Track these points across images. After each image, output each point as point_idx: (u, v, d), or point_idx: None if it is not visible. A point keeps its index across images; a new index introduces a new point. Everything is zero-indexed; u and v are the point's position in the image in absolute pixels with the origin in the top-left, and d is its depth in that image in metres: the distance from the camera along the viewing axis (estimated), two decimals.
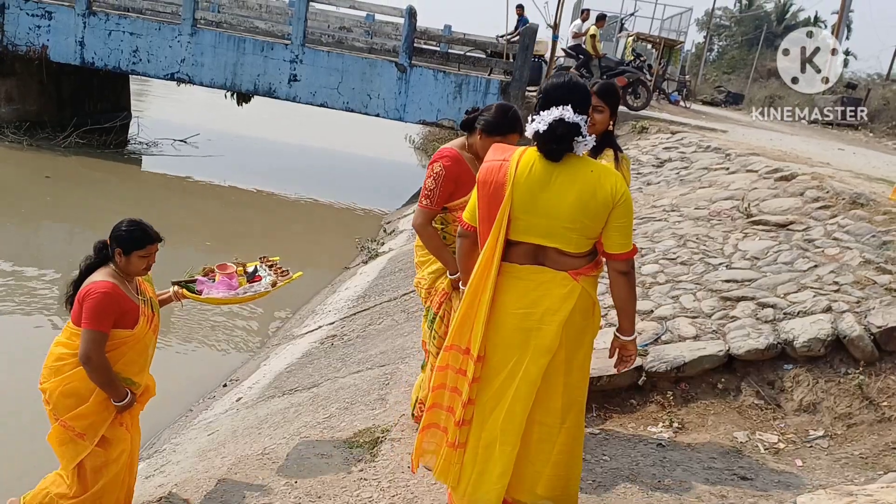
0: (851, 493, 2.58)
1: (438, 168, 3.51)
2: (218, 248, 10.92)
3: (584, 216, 2.60)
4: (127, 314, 3.24)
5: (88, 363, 3.16)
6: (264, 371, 6.26)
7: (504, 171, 2.65)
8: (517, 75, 13.59)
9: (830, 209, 6.08)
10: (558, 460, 2.76)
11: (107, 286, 3.20)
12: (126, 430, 3.39)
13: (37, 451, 4.88)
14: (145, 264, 3.29)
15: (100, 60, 14.28)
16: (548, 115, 2.59)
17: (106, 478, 3.33)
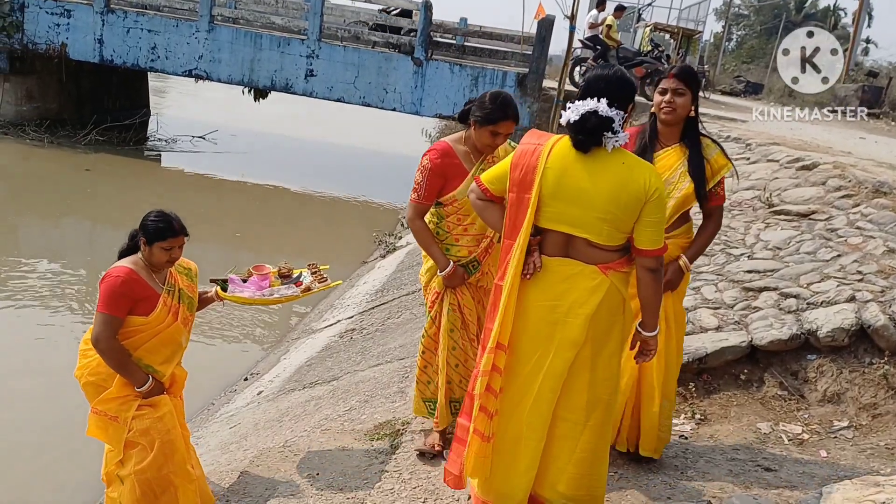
0: (878, 484, 2.55)
1: (425, 161, 3.43)
2: (246, 243, 10.99)
3: (616, 207, 2.55)
4: (144, 301, 3.25)
5: (97, 345, 3.20)
6: (284, 365, 6.30)
7: (537, 155, 2.61)
8: (534, 67, 13.52)
9: (853, 198, 6.01)
10: (581, 458, 2.71)
11: (122, 271, 3.23)
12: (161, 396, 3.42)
13: (69, 442, 4.95)
14: (168, 257, 3.29)
15: (118, 58, 14.38)
16: (582, 105, 2.55)
17: (161, 435, 3.33)
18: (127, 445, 3.33)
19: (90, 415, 3.36)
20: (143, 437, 3.31)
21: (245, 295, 3.35)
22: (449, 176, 3.44)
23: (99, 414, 3.33)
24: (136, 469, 3.32)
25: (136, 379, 3.26)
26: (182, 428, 3.52)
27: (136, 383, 3.26)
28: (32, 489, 4.67)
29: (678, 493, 3.20)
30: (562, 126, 2.64)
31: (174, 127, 17.52)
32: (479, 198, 2.81)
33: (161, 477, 3.35)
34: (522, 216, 2.62)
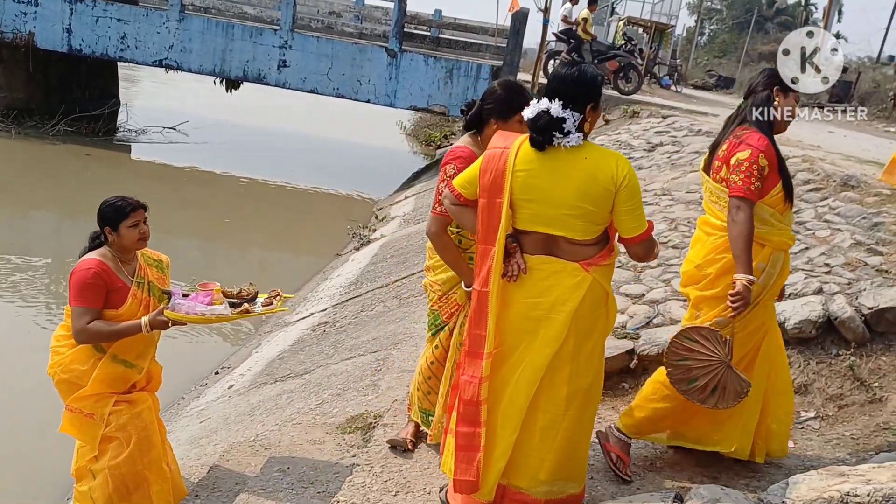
0: (843, 474, 2.59)
1: (452, 170, 3.13)
2: (219, 235, 10.88)
3: (587, 202, 2.58)
4: (115, 293, 3.21)
5: (79, 338, 3.15)
6: (256, 358, 6.25)
7: (504, 159, 2.63)
8: (508, 60, 13.53)
9: (821, 191, 6.09)
10: (562, 446, 2.76)
11: (92, 262, 3.18)
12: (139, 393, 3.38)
13: (36, 437, 4.87)
14: (137, 234, 3.24)
15: (87, 47, 14.15)
16: (537, 104, 2.59)
17: (138, 431, 3.29)
18: (103, 440, 3.29)
19: (64, 412, 3.31)
20: (121, 432, 3.28)
21: (181, 311, 3.20)
22: None
23: (74, 411, 3.28)
24: (110, 464, 3.28)
25: (134, 327, 3.17)
26: (158, 424, 3.49)
27: (138, 329, 3.17)
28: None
29: (647, 483, 3.23)
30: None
31: (145, 117, 17.28)
32: (452, 203, 2.80)
33: (135, 472, 3.31)
34: (496, 221, 2.64)
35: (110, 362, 3.26)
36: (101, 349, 3.25)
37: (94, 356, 3.25)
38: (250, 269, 10.03)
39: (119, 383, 3.30)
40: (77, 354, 3.25)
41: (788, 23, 44.67)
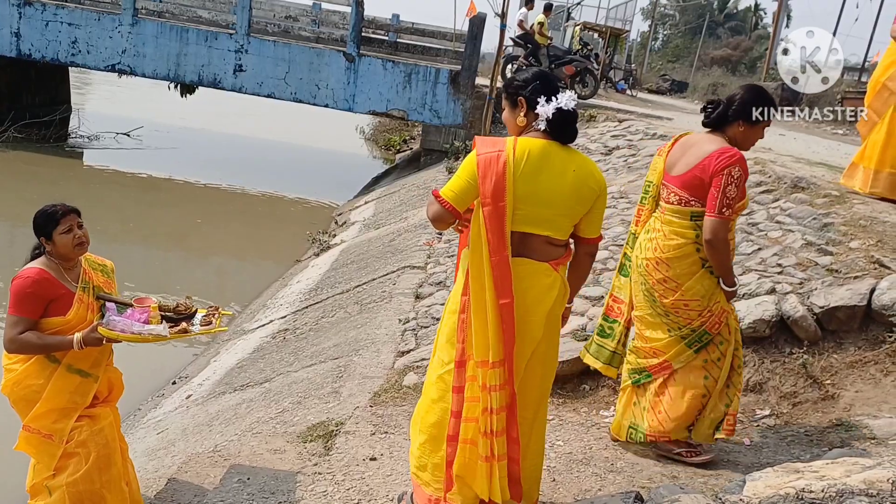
0: (798, 470, 2.64)
1: (738, 172, 3.17)
2: (174, 243, 10.69)
3: (577, 202, 2.68)
4: (58, 301, 3.13)
5: (10, 347, 3.07)
6: (215, 367, 6.16)
7: (503, 162, 2.62)
8: (467, 64, 13.58)
9: (773, 193, 6.22)
10: (535, 450, 2.80)
11: (32, 271, 3.11)
12: (101, 408, 3.30)
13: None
14: (73, 239, 3.16)
15: (37, 52, 13.82)
16: (558, 101, 2.66)
17: (98, 448, 3.21)
18: (63, 456, 3.20)
19: (21, 431, 3.21)
20: (81, 448, 3.19)
21: (116, 329, 3.11)
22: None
23: (32, 432, 3.19)
24: (68, 480, 3.19)
25: (66, 343, 3.09)
26: (120, 441, 3.41)
27: (69, 346, 3.09)
28: None
29: (608, 484, 3.26)
30: (495, 123, 2.70)
31: (97, 123, 16.93)
32: (438, 215, 2.68)
33: (93, 491, 3.23)
34: (504, 226, 2.61)
35: (66, 373, 3.17)
36: (55, 360, 3.16)
37: (49, 368, 3.16)
38: (208, 277, 9.89)
39: (78, 396, 3.21)
40: (31, 369, 3.16)
41: (739, 27, 45.63)
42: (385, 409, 4.13)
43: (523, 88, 2.75)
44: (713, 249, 3.24)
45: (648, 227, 3.53)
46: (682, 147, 3.45)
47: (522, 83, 2.76)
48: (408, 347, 5.07)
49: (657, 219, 3.48)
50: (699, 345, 3.42)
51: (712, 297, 3.35)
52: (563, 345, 4.49)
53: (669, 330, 3.46)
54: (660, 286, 3.41)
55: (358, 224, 10.84)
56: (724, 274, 3.32)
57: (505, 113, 2.88)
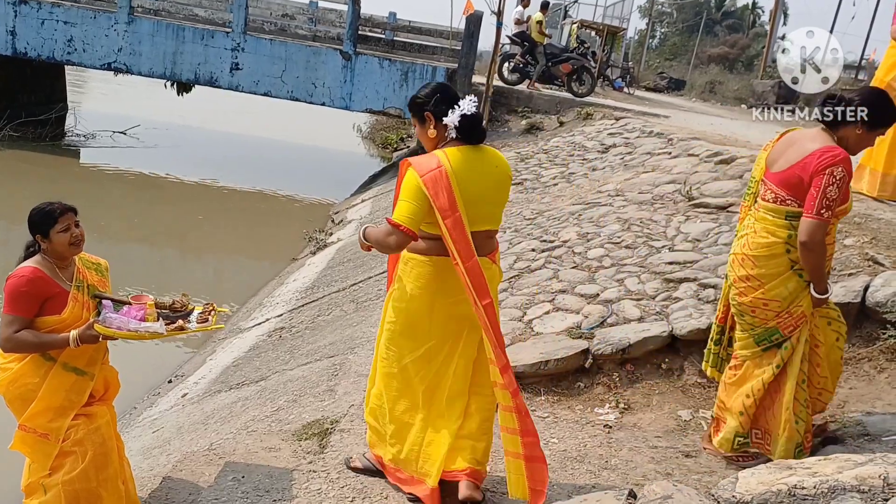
0: (791, 467, 2.65)
1: (841, 173, 3.04)
2: (170, 241, 10.68)
3: (503, 192, 3.01)
4: (53, 299, 3.12)
5: (6, 347, 3.07)
6: (210, 366, 6.16)
7: (446, 174, 2.81)
8: (463, 62, 13.57)
9: None
10: (489, 427, 3.11)
11: (27, 270, 3.11)
12: (98, 407, 3.30)
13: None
14: (70, 238, 3.16)
15: (33, 51, 13.79)
16: (463, 107, 2.90)
17: (95, 446, 3.21)
18: (59, 454, 3.20)
19: (17, 430, 3.20)
20: (77, 447, 3.19)
21: (112, 327, 3.10)
22: None
23: (28, 431, 3.18)
24: (64, 479, 3.19)
25: (62, 341, 3.09)
26: (116, 440, 3.41)
27: (65, 344, 3.09)
28: None
29: (602, 481, 3.27)
30: (491, 122, 2.80)
31: (94, 122, 16.90)
32: (402, 243, 2.87)
33: (89, 490, 3.22)
34: (466, 231, 2.82)
35: (61, 371, 3.17)
36: (50, 358, 3.16)
37: (44, 366, 3.16)
38: (205, 275, 9.88)
39: (73, 394, 3.20)
40: (26, 368, 3.15)
41: (736, 25, 45.66)
42: None
43: (427, 104, 2.97)
44: (808, 252, 3.11)
45: (744, 225, 3.44)
46: (785, 143, 3.34)
47: (425, 99, 2.99)
48: None
49: (751, 216, 3.39)
50: (769, 343, 3.34)
51: (795, 301, 3.25)
52: (559, 342, 4.52)
53: (742, 330, 3.42)
54: (741, 283, 3.33)
55: (354, 222, 10.84)
56: (816, 279, 3.19)
57: (416, 130, 3.12)
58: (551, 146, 11.05)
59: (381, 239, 2.89)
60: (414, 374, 3.07)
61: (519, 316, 5.04)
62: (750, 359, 3.42)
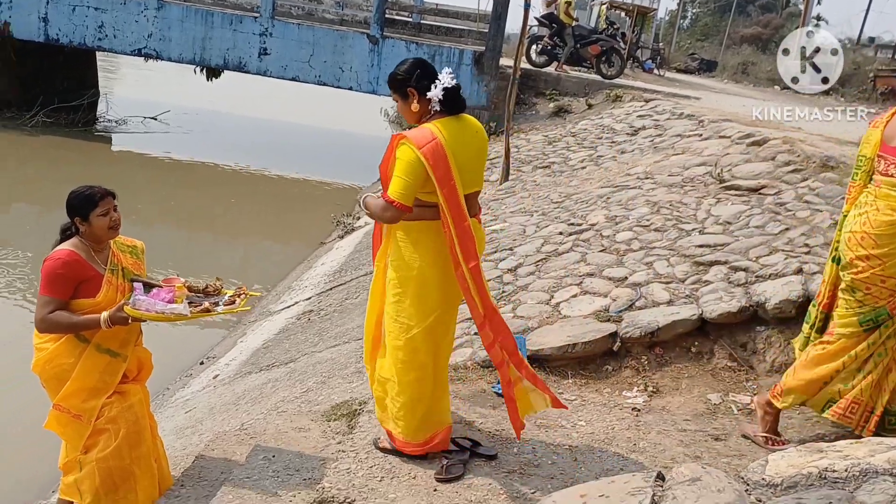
0: (821, 450, 2.62)
1: None
2: (202, 224, 10.81)
3: (485, 156, 3.25)
4: (88, 283, 3.18)
5: (39, 326, 3.14)
6: (241, 348, 6.24)
7: (441, 145, 2.97)
8: (491, 45, 13.48)
9: (801, 172, 6.13)
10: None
11: (62, 253, 3.16)
12: (131, 385, 3.36)
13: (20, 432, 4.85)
14: (109, 222, 3.22)
15: (64, 37, 13.96)
16: (443, 80, 3.07)
17: (128, 424, 3.27)
18: (93, 432, 3.27)
19: (51, 410, 3.28)
20: (111, 424, 3.26)
21: (141, 309, 3.13)
22: None
23: (62, 411, 3.25)
24: (98, 456, 3.26)
25: (94, 322, 3.14)
26: (150, 418, 3.47)
27: (97, 325, 3.13)
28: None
29: (630, 464, 3.26)
30: (519, 104, 2.80)
31: (125, 107, 17.10)
32: (396, 218, 3.05)
33: (122, 467, 3.30)
34: (460, 198, 3.01)
35: (95, 352, 3.23)
36: (84, 339, 3.22)
37: (79, 347, 3.22)
38: (233, 259, 9.99)
39: (107, 376, 3.26)
40: (61, 348, 3.22)
41: (770, 5, 44.74)
42: None
43: (409, 80, 3.12)
44: None
45: (859, 203, 3.31)
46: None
47: (406, 75, 3.13)
48: None
49: (870, 193, 3.26)
50: (872, 325, 3.25)
51: None
52: (586, 325, 4.51)
53: (847, 308, 3.32)
54: (860, 262, 3.22)
55: None
56: None
57: (399, 106, 3.25)
58: (579, 129, 10.96)
59: (378, 213, 3.07)
60: (421, 343, 3.17)
61: (546, 299, 5.03)
62: (847, 337, 3.33)
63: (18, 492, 4.47)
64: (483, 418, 3.73)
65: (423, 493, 2.99)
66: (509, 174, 9.28)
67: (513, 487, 3.03)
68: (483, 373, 4.35)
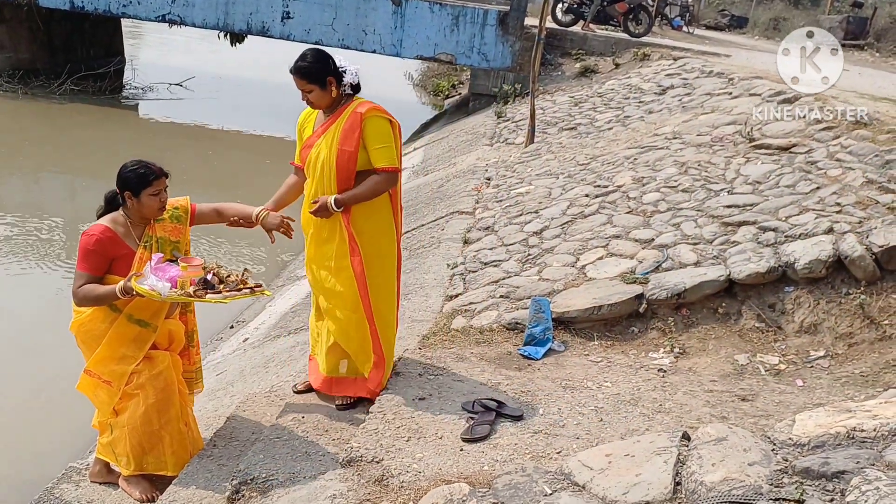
0: (850, 410, 2.61)
1: None
2: (229, 193, 10.88)
3: None
4: (121, 259, 3.22)
5: (75, 298, 3.20)
6: (269, 312, 6.32)
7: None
8: (515, 4, 13.27)
9: (833, 130, 6.00)
10: None
11: (98, 229, 3.20)
12: (160, 352, 3.41)
13: (57, 392, 4.98)
14: (158, 203, 3.24)
15: (89, 4, 13.99)
16: (346, 62, 3.49)
17: (157, 392, 3.34)
18: (123, 397, 3.35)
19: (83, 374, 3.36)
20: (140, 390, 3.33)
21: (145, 286, 3.07)
22: None
23: (92, 376, 3.33)
24: (128, 422, 3.35)
25: (111, 292, 3.12)
26: (179, 384, 3.53)
27: (114, 295, 3.12)
28: (24, 440, 4.71)
29: (655, 424, 3.26)
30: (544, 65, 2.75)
31: (150, 74, 17.15)
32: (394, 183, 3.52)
33: (151, 432, 3.39)
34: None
35: (125, 322, 3.28)
36: (116, 309, 3.26)
37: (111, 316, 3.28)
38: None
39: (136, 345, 3.32)
40: (94, 314, 3.29)
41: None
42: (433, 352, 4.19)
43: (327, 69, 3.37)
44: None
45: None
46: None
47: (323, 65, 3.38)
48: (456, 292, 5.11)
49: None
50: None
51: None
52: (612, 287, 4.50)
53: None
54: None
55: (407, 170, 10.85)
56: None
57: (312, 95, 3.41)
58: (606, 89, 10.80)
59: (381, 187, 3.42)
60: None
61: (572, 262, 5.02)
62: None
63: (63, 451, 4.59)
64: (508, 380, 3.76)
65: (449, 453, 3.02)
66: (535, 136, 9.20)
67: (538, 447, 3.05)
68: (509, 335, 4.37)
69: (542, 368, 3.96)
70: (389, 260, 3.62)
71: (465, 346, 4.28)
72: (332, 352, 3.64)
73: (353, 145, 3.34)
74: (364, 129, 3.35)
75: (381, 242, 3.55)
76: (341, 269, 3.47)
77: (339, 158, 3.36)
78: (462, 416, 3.33)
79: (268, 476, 3.06)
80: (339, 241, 3.45)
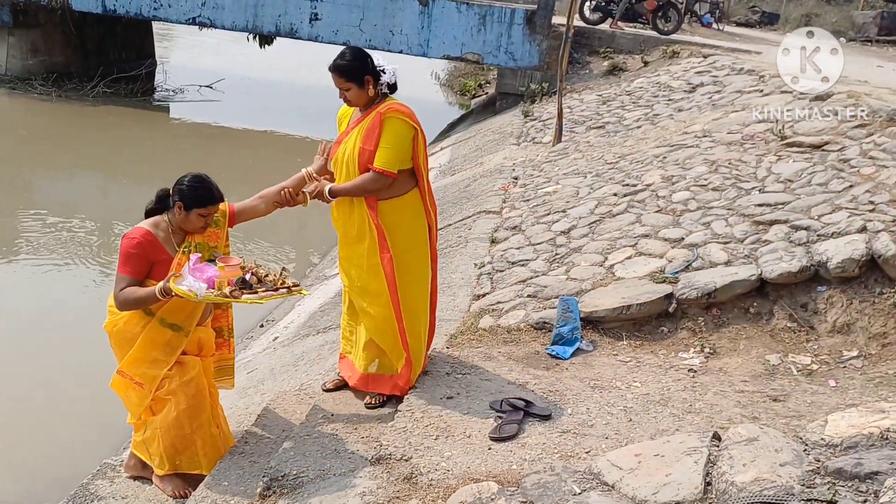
0: (883, 410, 2.57)
1: None
2: None
3: None
4: (159, 265, 3.24)
5: (116, 302, 3.23)
6: (299, 311, 6.38)
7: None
8: (543, 3, 13.22)
9: (867, 128, 5.91)
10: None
11: (139, 232, 3.24)
12: (190, 357, 3.44)
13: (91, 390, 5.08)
14: (203, 223, 3.29)
15: (121, 7, 14.21)
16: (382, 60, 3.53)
17: (188, 398, 3.38)
18: (155, 401, 3.40)
19: (115, 374, 3.41)
20: (171, 396, 3.38)
21: (182, 286, 3.02)
22: None
23: (125, 376, 3.38)
24: (161, 425, 3.41)
25: (150, 293, 3.14)
26: (210, 387, 3.57)
27: (153, 296, 3.12)
28: (60, 437, 4.80)
29: (686, 424, 3.24)
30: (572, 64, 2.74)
31: (181, 77, 17.36)
32: (386, 185, 3.45)
33: (183, 436, 3.44)
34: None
35: (158, 326, 3.32)
36: (149, 312, 3.29)
37: (144, 320, 3.31)
38: (290, 224, 10.13)
39: (168, 349, 3.34)
40: (127, 317, 3.32)
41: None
42: (461, 351, 4.20)
43: (365, 68, 3.43)
44: None
45: None
46: None
47: (361, 64, 3.44)
48: (483, 291, 5.12)
49: None
50: None
51: None
52: (641, 287, 4.47)
53: None
54: None
55: (434, 170, 10.87)
56: None
57: (352, 93, 3.48)
58: (635, 87, 10.73)
59: (369, 186, 3.41)
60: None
61: (600, 261, 5.00)
62: None
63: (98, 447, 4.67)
64: (536, 379, 3.76)
65: (477, 452, 3.04)
66: (562, 135, 9.17)
67: (567, 447, 3.05)
68: (536, 335, 4.37)
69: (571, 368, 3.95)
70: (421, 257, 3.66)
71: (492, 345, 4.28)
72: (368, 349, 3.68)
73: (373, 144, 3.40)
74: (382, 129, 3.41)
75: (412, 239, 3.60)
76: (372, 267, 3.50)
77: (360, 157, 3.43)
78: (490, 415, 3.34)
79: (298, 473, 3.09)
80: (370, 240, 3.48)
